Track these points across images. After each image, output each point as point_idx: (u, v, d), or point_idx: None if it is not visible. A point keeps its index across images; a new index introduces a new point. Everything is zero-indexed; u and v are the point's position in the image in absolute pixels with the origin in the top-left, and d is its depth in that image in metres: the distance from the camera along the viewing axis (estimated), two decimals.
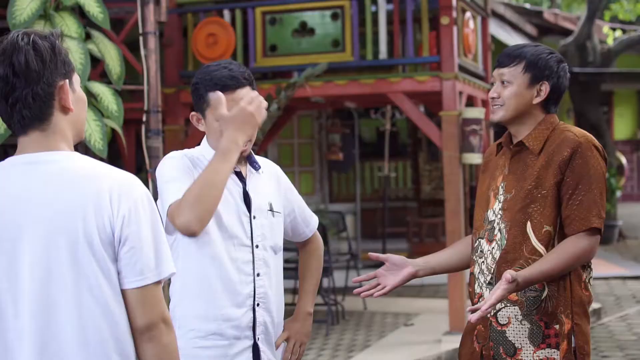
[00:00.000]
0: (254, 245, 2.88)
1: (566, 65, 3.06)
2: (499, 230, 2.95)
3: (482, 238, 3.01)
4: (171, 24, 8.16)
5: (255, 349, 2.89)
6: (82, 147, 5.52)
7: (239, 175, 2.91)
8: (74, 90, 2.13)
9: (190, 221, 2.65)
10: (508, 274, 2.70)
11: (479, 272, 2.99)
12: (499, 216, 2.96)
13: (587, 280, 2.96)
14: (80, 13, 5.89)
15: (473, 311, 2.76)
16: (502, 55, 3.03)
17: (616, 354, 7.22)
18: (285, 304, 3.04)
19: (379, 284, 3.06)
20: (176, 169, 2.82)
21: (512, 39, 13.07)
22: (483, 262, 2.98)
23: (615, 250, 13.16)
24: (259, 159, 3.00)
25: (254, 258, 2.88)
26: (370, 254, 3.08)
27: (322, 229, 8.55)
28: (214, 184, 2.69)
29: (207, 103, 2.87)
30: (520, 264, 2.87)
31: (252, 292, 2.87)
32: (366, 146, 14.41)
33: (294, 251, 6.46)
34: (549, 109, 3.02)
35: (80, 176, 2.04)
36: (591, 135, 2.97)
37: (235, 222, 2.85)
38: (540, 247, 2.87)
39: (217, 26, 8.13)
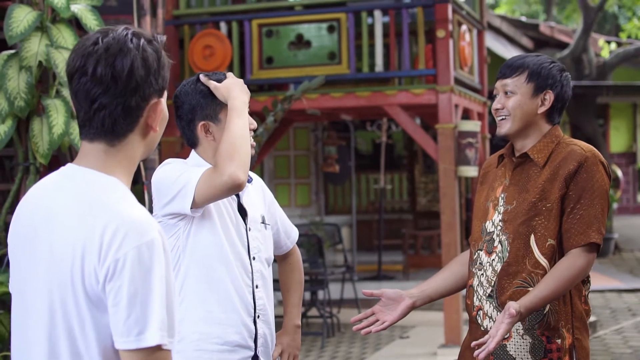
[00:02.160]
0: (251, 257, 2.88)
1: (568, 74, 3.02)
2: (500, 242, 2.90)
3: (481, 250, 2.95)
4: (168, 36, 8.17)
5: None
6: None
7: None
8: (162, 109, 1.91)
9: (234, 171, 2.64)
10: (512, 308, 2.64)
11: (478, 285, 2.94)
12: (498, 227, 2.91)
13: (586, 295, 2.94)
14: (77, 25, 5.89)
15: (478, 345, 2.70)
16: (504, 67, 2.98)
17: None
18: (276, 316, 3.02)
19: (377, 320, 3.00)
20: (181, 166, 2.81)
21: (508, 52, 13.11)
22: (482, 274, 2.92)
23: (610, 263, 13.16)
24: None
25: (252, 270, 2.87)
26: (364, 291, 3.04)
27: (317, 240, 8.58)
28: (241, 136, 2.71)
29: (217, 104, 2.85)
30: (523, 277, 2.83)
31: (253, 304, 2.86)
32: (362, 158, 14.42)
33: None
34: (553, 119, 2.98)
35: (84, 210, 1.77)
36: (597, 151, 2.93)
37: (234, 233, 2.85)
38: (543, 261, 2.83)
39: (213, 38, 8.15)
